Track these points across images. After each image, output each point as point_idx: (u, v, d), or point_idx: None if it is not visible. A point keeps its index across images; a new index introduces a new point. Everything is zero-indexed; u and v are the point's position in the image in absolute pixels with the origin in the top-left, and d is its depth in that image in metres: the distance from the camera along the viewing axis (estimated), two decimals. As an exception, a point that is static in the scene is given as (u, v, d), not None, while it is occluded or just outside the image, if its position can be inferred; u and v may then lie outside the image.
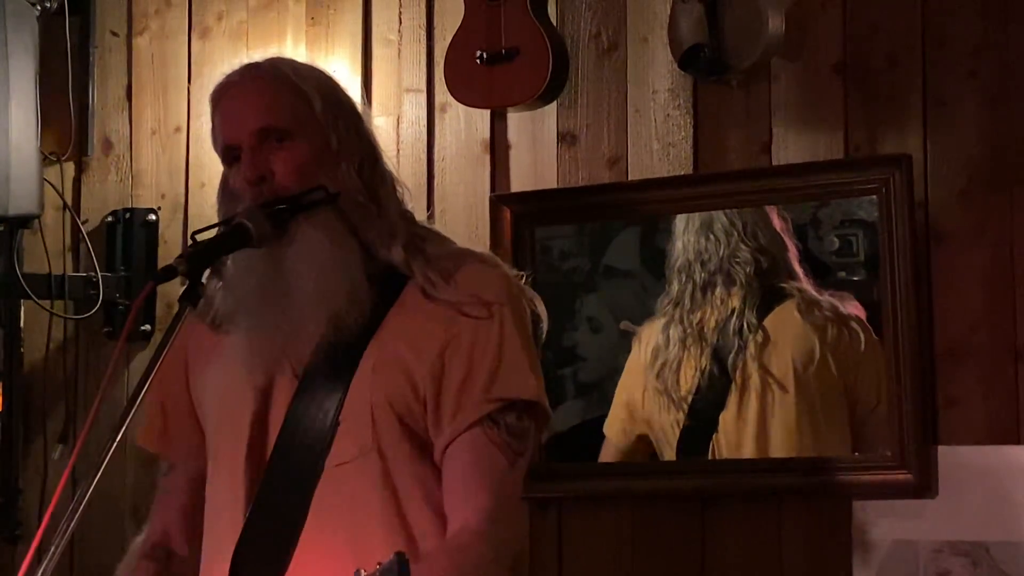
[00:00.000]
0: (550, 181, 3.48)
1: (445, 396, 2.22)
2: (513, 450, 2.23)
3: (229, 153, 2.30)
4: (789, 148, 3.23)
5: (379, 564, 1.75)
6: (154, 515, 2.51)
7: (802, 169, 3.22)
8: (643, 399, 3.38)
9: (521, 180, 3.52)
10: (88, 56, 4.07)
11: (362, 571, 1.77)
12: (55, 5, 3.97)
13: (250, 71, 2.36)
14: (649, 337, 3.37)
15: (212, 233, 2.26)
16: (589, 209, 3.47)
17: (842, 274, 3.23)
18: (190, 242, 2.28)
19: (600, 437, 3.43)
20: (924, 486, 3.03)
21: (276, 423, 2.27)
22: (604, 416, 3.43)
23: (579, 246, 3.51)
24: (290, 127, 2.27)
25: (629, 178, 3.40)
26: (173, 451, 2.47)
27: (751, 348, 3.27)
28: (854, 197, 3.18)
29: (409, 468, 2.23)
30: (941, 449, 3.04)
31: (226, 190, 2.33)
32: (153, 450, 2.52)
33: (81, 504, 1.92)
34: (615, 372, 3.43)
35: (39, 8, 3.89)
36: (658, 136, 3.37)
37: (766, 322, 3.27)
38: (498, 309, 2.26)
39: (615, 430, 3.42)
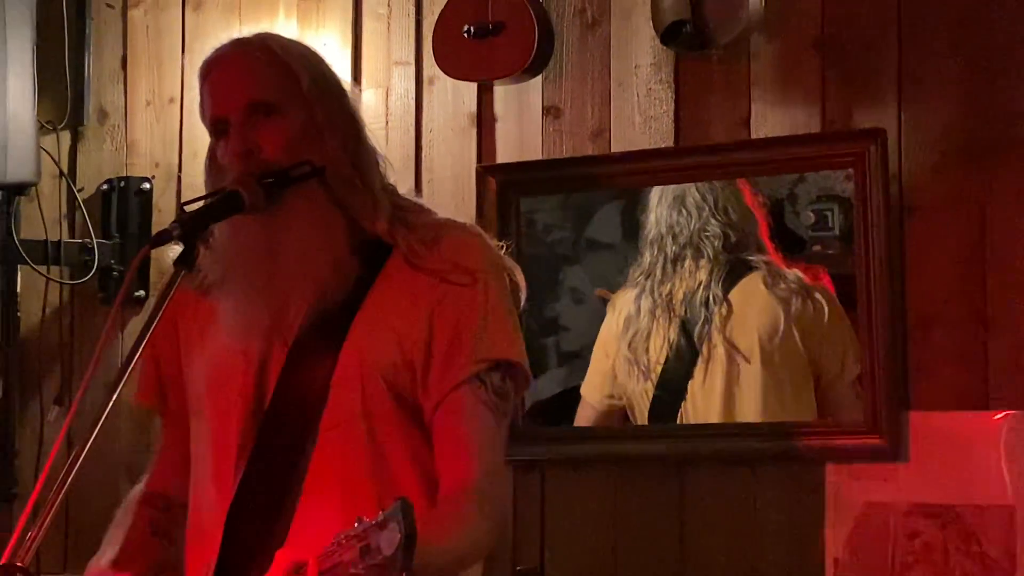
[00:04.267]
0: (535, 153, 3.49)
1: (434, 359, 2.23)
2: (498, 410, 2.25)
3: (217, 126, 2.30)
4: (768, 122, 3.24)
5: (382, 510, 1.75)
6: (152, 466, 2.52)
7: (780, 142, 3.23)
8: (615, 367, 3.39)
9: (507, 151, 3.52)
10: (84, 28, 4.07)
11: (364, 518, 1.77)
12: (50, -22, 3.99)
13: (239, 46, 2.35)
14: (622, 306, 3.39)
15: (198, 205, 2.25)
16: (573, 180, 3.47)
17: (818, 248, 3.24)
18: (181, 209, 2.28)
19: (575, 402, 3.44)
20: (895, 450, 3.04)
21: (268, 389, 2.27)
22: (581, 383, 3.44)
23: (563, 218, 3.52)
24: (277, 102, 2.27)
25: (612, 150, 3.40)
26: (166, 408, 2.48)
27: (716, 320, 3.29)
28: (830, 170, 3.19)
29: (398, 431, 2.24)
30: (912, 415, 3.05)
31: (213, 163, 2.32)
32: (148, 406, 2.53)
33: (77, 463, 1.91)
34: (595, 342, 3.44)
35: (36, -17, 3.91)
36: (640, 109, 3.38)
37: (731, 295, 3.29)
38: (481, 276, 2.27)
39: (592, 392, 3.43)
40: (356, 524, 1.77)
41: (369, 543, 1.74)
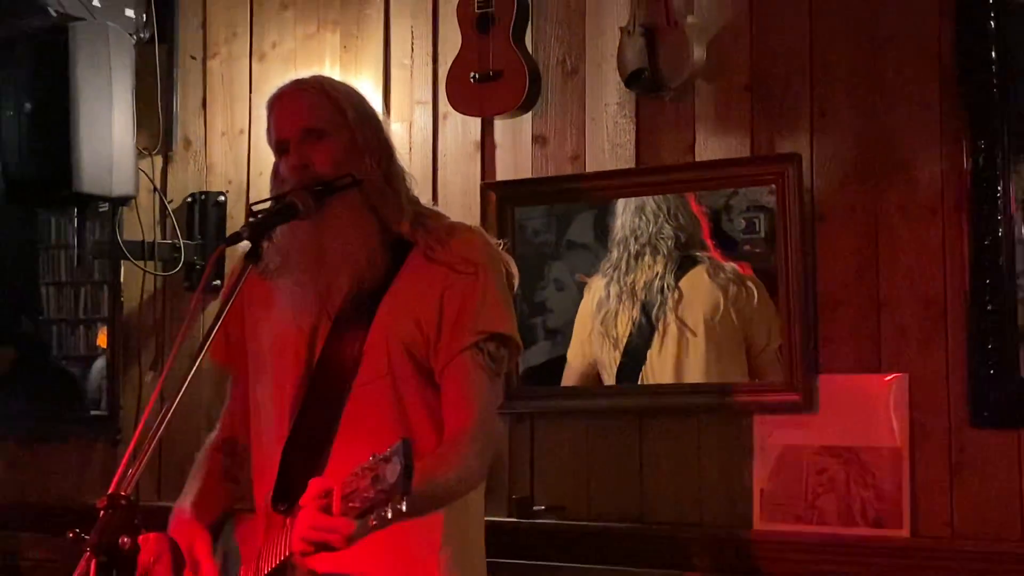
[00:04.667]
0: (526, 172, 3.49)
1: (443, 331, 2.27)
2: (493, 371, 2.29)
3: (280, 146, 2.34)
4: (708, 148, 3.23)
5: (389, 447, 1.80)
6: (222, 417, 2.55)
7: (718, 164, 3.21)
8: (590, 339, 3.39)
9: (504, 171, 3.52)
10: (172, 74, 4.08)
11: (375, 454, 1.82)
12: (147, 35, 3.97)
13: (298, 84, 2.41)
14: (596, 290, 3.39)
15: (266, 205, 2.28)
16: (555, 194, 3.45)
17: (747, 248, 3.22)
18: (249, 213, 2.33)
19: (559, 368, 3.44)
20: (808, 404, 3.04)
21: (315, 354, 2.30)
22: (566, 353, 3.43)
23: (548, 224, 3.50)
24: (327, 128, 2.31)
25: (586, 170, 3.40)
26: (233, 367, 2.50)
27: (670, 303, 3.28)
28: (757, 186, 3.17)
29: (414, 387, 2.28)
30: (821, 377, 3.05)
31: (276, 174, 2.36)
32: (219, 364, 2.54)
33: (167, 415, 1.97)
34: (574, 321, 3.44)
35: (135, 38, 3.89)
36: (608, 138, 3.38)
37: (681, 283, 3.28)
38: (482, 267, 2.31)
39: (575, 356, 3.43)
40: (370, 459, 1.81)
41: (378, 473, 1.78)
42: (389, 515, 1.79)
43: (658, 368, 3.31)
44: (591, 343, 3.40)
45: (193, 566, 2.22)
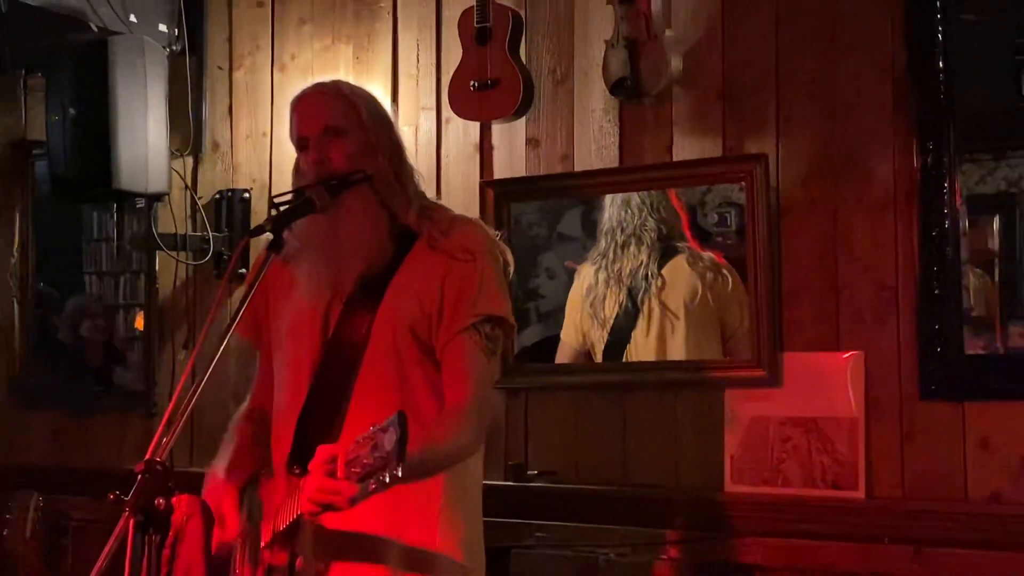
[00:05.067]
0: (520, 171, 3.47)
1: (444, 313, 2.25)
2: (489, 350, 2.27)
3: (301, 143, 2.33)
4: (685, 149, 3.22)
5: (387, 418, 1.79)
6: (251, 389, 2.53)
7: (693, 163, 3.20)
8: (581, 320, 3.38)
9: (500, 170, 3.51)
10: (202, 83, 4.07)
11: (375, 424, 1.82)
12: (179, 48, 3.98)
13: (319, 87, 2.40)
14: (585, 276, 3.38)
15: (287, 198, 2.27)
16: (547, 191, 3.45)
17: (720, 239, 3.22)
18: (271, 205, 2.32)
19: (554, 347, 3.43)
20: (773, 379, 3.04)
21: (329, 332, 2.29)
22: (558, 334, 3.42)
23: (540, 218, 3.49)
24: (344, 127, 2.30)
25: (575, 169, 3.38)
26: (260, 343, 2.49)
27: (653, 289, 3.27)
28: (729, 183, 3.16)
29: (418, 363, 2.27)
30: (786, 355, 3.05)
31: (298, 169, 2.36)
32: (248, 341, 2.52)
33: (198, 389, 1.96)
34: (564, 305, 3.43)
35: (168, 50, 3.90)
36: (595, 140, 3.36)
37: (664, 271, 3.27)
38: (480, 255, 2.29)
39: (568, 335, 3.42)
40: (370, 429, 1.81)
41: (377, 442, 1.79)
42: (387, 479, 1.79)
43: (642, 347, 3.30)
44: (581, 322, 3.38)
45: (220, 521, 2.23)
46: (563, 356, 3.43)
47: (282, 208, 2.24)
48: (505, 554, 3.18)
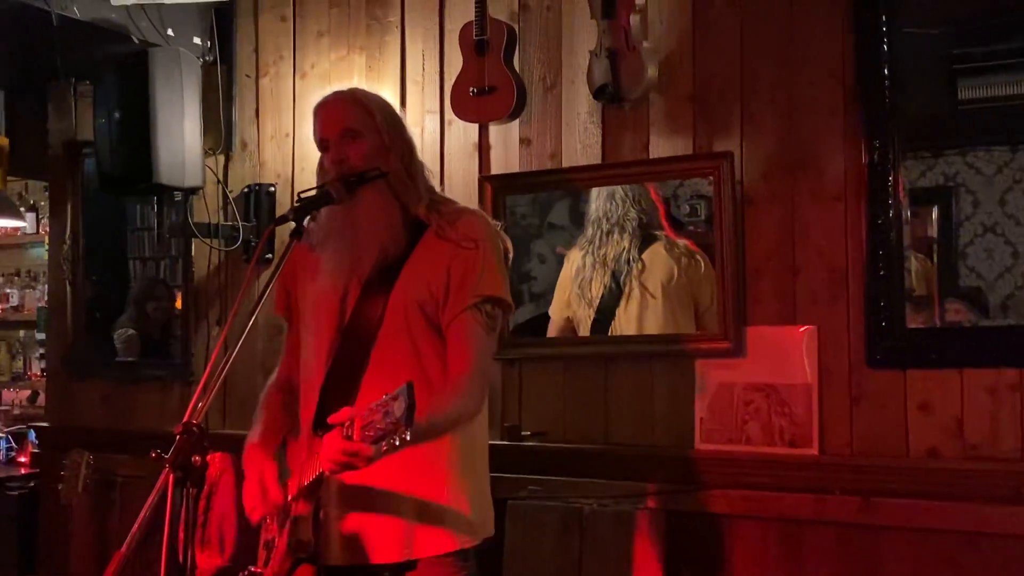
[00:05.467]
0: (515, 167, 3.46)
1: (449, 295, 2.26)
2: (489, 326, 2.28)
3: (322, 144, 2.33)
4: (660, 147, 3.21)
5: (396, 387, 1.80)
6: (281, 361, 2.52)
7: (668, 160, 3.19)
8: (569, 299, 3.38)
9: (497, 167, 3.49)
10: (232, 90, 4.06)
11: (386, 393, 1.83)
12: (211, 58, 3.97)
13: (338, 94, 2.39)
14: (573, 260, 3.38)
15: (310, 193, 2.27)
16: (538, 185, 3.44)
17: (691, 227, 3.22)
18: (296, 199, 2.31)
19: (546, 323, 3.43)
20: (738, 350, 3.04)
21: (347, 312, 2.30)
22: (548, 311, 3.42)
23: (532, 210, 3.48)
24: (360, 129, 2.30)
25: (563, 165, 3.37)
26: (290, 318, 2.48)
27: (634, 272, 3.27)
28: (699, 178, 3.15)
29: (427, 338, 2.27)
30: (749, 329, 3.04)
31: (321, 167, 2.36)
32: (280, 315, 2.52)
33: (229, 360, 1.98)
34: (554, 286, 3.43)
35: (201, 60, 3.88)
36: (580, 140, 3.35)
37: (644, 256, 3.27)
38: (482, 243, 2.30)
39: (555, 312, 3.43)
40: (383, 397, 1.83)
41: (388, 409, 1.80)
42: (397, 442, 1.80)
43: (624, 323, 3.29)
44: (569, 303, 3.38)
45: (263, 492, 2.21)
46: (551, 330, 3.43)
47: (305, 199, 2.25)
48: (501, 505, 3.11)
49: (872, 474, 2.85)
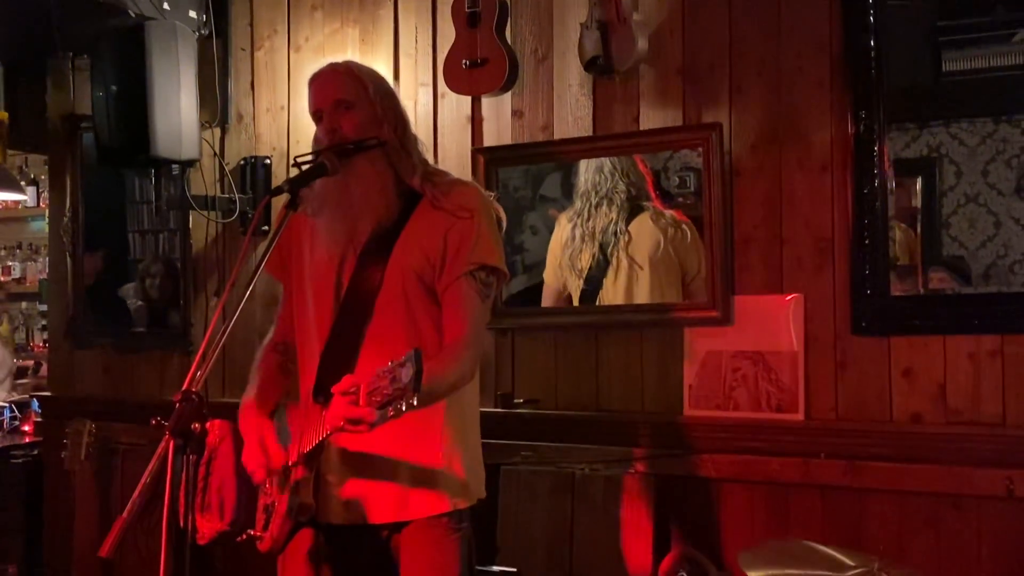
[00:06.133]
0: (507, 139, 3.44)
1: (445, 262, 2.25)
2: (483, 293, 2.27)
3: (316, 114, 2.32)
4: (650, 119, 3.20)
5: (404, 354, 1.80)
6: (275, 324, 2.51)
7: (658, 132, 3.18)
8: (560, 269, 3.38)
9: (490, 139, 3.48)
10: (227, 63, 4.03)
11: (393, 360, 1.82)
12: (207, 32, 3.93)
13: (332, 66, 2.37)
14: (563, 228, 3.36)
15: (306, 158, 2.26)
16: (530, 157, 3.42)
17: (681, 199, 3.20)
18: (292, 163, 2.29)
19: (538, 294, 3.42)
20: (726, 319, 3.04)
21: (345, 280, 2.29)
22: (541, 283, 3.41)
23: (524, 182, 3.46)
24: (354, 100, 2.28)
25: (554, 137, 3.36)
26: (285, 279, 2.46)
27: (621, 243, 3.26)
28: (688, 149, 3.14)
29: (424, 306, 2.27)
30: (736, 297, 3.05)
31: (316, 137, 2.33)
32: (275, 277, 2.50)
33: (227, 329, 1.97)
34: (547, 258, 3.41)
35: (197, 34, 3.84)
36: (571, 112, 3.34)
37: (631, 227, 3.25)
38: (476, 213, 2.28)
39: (549, 277, 3.40)
40: (389, 364, 1.82)
41: (395, 375, 1.79)
42: (403, 408, 1.80)
43: (612, 293, 3.29)
44: (561, 269, 3.37)
45: (263, 451, 2.21)
46: (547, 294, 3.41)
47: (302, 164, 2.24)
48: (495, 470, 3.20)
49: (856, 438, 2.86)
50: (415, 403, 1.78)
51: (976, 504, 2.72)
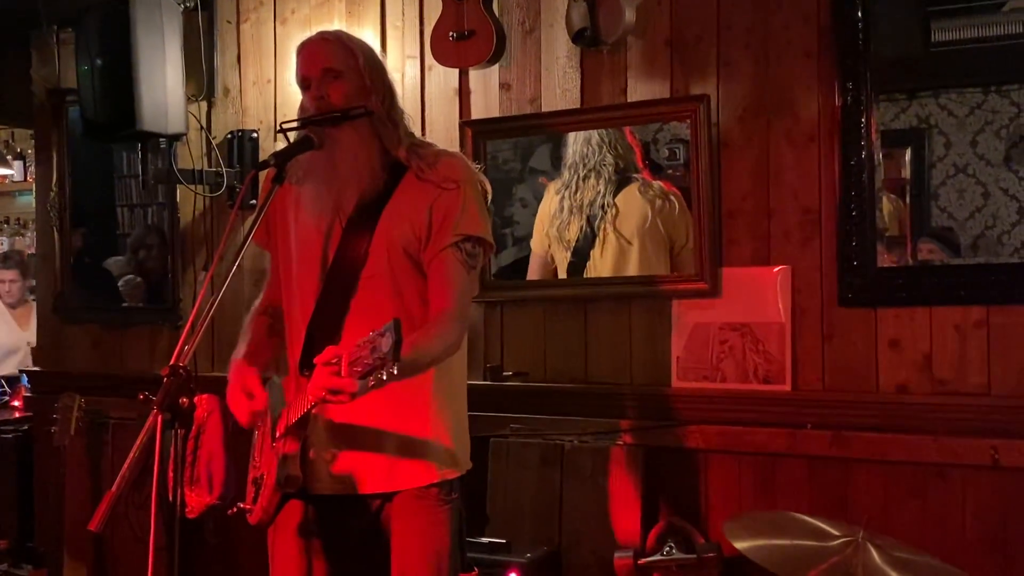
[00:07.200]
0: (495, 112, 3.41)
1: (431, 233, 2.23)
2: (469, 265, 2.25)
3: (304, 82, 2.29)
4: (638, 91, 3.17)
5: (384, 324, 1.79)
6: (264, 289, 2.50)
7: (646, 104, 3.15)
8: (546, 238, 3.36)
9: (477, 112, 3.44)
10: (213, 35, 3.97)
11: (374, 330, 1.81)
12: (192, 4, 3.88)
13: (322, 34, 2.35)
14: (552, 198, 3.34)
15: (292, 124, 2.26)
16: (518, 130, 3.39)
17: (670, 171, 3.19)
18: (279, 128, 2.28)
19: (525, 267, 3.40)
20: (713, 291, 3.03)
21: (331, 251, 2.27)
22: (528, 255, 3.40)
23: (513, 155, 3.44)
24: (342, 69, 2.25)
25: (543, 110, 3.33)
26: (271, 247, 2.44)
27: (608, 216, 3.24)
28: (677, 121, 3.12)
29: (409, 278, 2.25)
30: (724, 269, 3.03)
31: (302, 105, 2.31)
32: (261, 246, 2.48)
33: (215, 303, 1.96)
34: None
35: (183, 7, 3.80)
36: (559, 84, 3.30)
37: (617, 200, 3.23)
38: (463, 184, 2.26)
39: (536, 245, 3.40)
40: (369, 334, 1.81)
41: (375, 345, 1.79)
42: (384, 377, 1.79)
43: (599, 265, 3.28)
44: (548, 238, 3.36)
45: (248, 394, 2.21)
46: (533, 262, 3.40)
47: (288, 131, 2.23)
48: (485, 442, 3.20)
49: (843, 409, 2.86)
50: (396, 372, 1.77)
51: (961, 473, 2.72)
